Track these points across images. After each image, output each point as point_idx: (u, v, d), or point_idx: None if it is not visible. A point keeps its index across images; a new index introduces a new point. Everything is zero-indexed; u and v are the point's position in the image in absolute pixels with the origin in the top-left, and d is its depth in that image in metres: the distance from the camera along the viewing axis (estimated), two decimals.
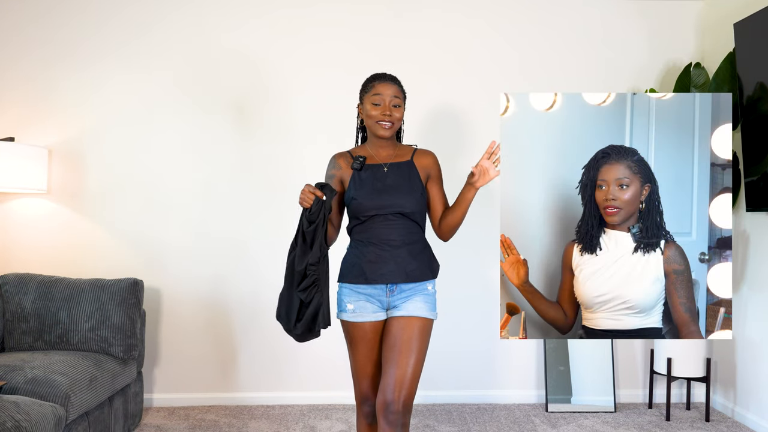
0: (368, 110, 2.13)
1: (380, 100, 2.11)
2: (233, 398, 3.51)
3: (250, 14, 3.50)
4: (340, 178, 2.18)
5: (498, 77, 3.56)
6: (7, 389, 2.38)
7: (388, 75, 2.17)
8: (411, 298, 2.10)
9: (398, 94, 2.13)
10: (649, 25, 3.60)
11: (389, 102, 2.11)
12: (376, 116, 2.11)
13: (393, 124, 2.12)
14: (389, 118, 2.10)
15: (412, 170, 2.16)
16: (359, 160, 2.14)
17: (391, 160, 2.18)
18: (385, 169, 2.15)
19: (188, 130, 3.48)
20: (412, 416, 3.33)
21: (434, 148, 3.53)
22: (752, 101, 2.98)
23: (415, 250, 2.13)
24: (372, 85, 2.14)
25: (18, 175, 3.11)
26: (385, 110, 2.10)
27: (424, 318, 2.09)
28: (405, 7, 3.55)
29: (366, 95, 2.15)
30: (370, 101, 2.12)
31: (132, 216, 3.46)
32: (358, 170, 2.14)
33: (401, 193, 2.11)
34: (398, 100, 2.12)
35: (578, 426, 3.20)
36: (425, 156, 2.22)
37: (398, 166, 2.16)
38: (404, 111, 2.17)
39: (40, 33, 3.43)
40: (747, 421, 3.21)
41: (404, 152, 2.21)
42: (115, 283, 3.01)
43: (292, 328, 2.05)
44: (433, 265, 2.19)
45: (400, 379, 2.02)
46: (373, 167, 2.15)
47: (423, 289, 2.13)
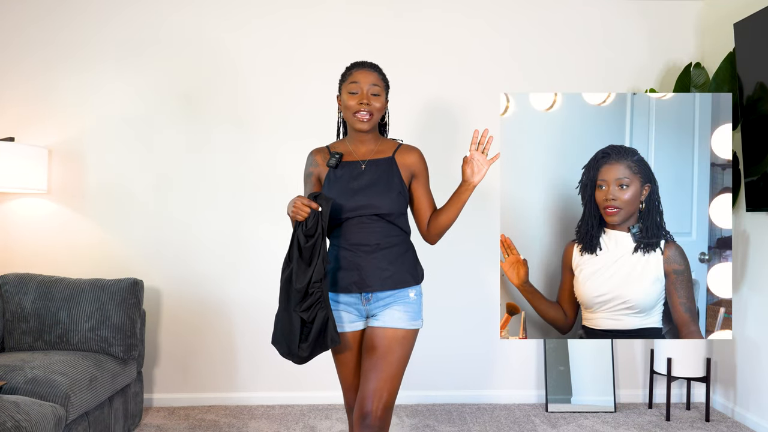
0: (345, 100, 1.96)
1: (357, 88, 1.94)
2: (233, 398, 3.51)
3: (250, 15, 3.50)
4: (317, 175, 2.03)
5: (498, 77, 3.56)
6: (7, 389, 2.38)
7: (368, 62, 2.01)
8: (390, 307, 1.96)
9: (378, 82, 1.96)
10: (649, 25, 3.60)
11: (367, 90, 1.94)
12: (353, 107, 1.94)
13: (372, 115, 1.95)
14: (367, 108, 1.93)
15: (392, 167, 1.99)
16: (335, 156, 1.97)
17: (371, 156, 2.01)
18: (362, 167, 1.98)
19: (188, 130, 3.48)
20: (412, 416, 3.34)
21: (434, 148, 3.55)
22: (752, 101, 2.98)
23: (392, 255, 1.96)
24: (349, 73, 1.99)
25: (18, 175, 3.11)
26: (362, 99, 1.93)
27: (404, 329, 1.95)
28: (405, 7, 3.55)
29: (343, 84, 1.99)
30: (347, 90, 1.96)
31: (132, 216, 3.46)
32: (334, 168, 1.97)
33: (377, 192, 1.94)
34: (377, 89, 1.95)
35: (578, 426, 3.20)
36: (409, 153, 2.04)
37: (377, 163, 1.99)
38: (386, 101, 2.01)
39: (41, 34, 3.43)
40: (747, 421, 3.21)
41: (386, 148, 2.04)
42: (115, 283, 3.01)
43: (296, 350, 1.89)
44: (416, 271, 2.02)
45: (377, 392, 1.90)
46: (349, 164, 1.99)
47: (404, 296, 1.97)
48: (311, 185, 2.04)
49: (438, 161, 3.56)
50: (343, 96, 1.98)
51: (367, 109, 1.93)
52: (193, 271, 3.48)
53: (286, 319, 1.89)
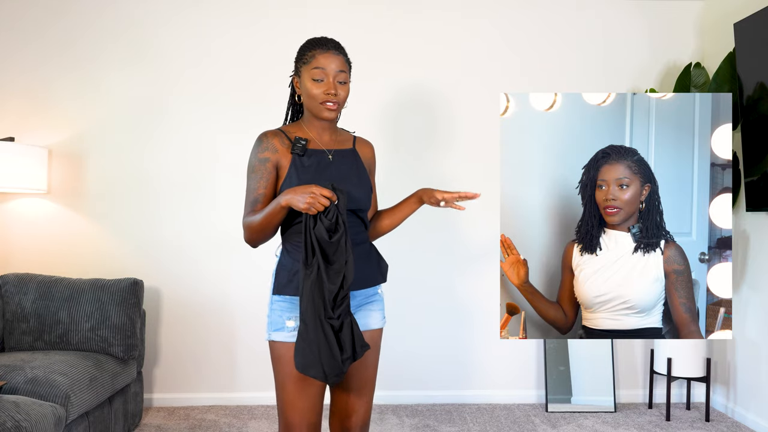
0: (308, 88, 1.74)
1: (323, 74, 1.73)
2: (233, 398, 3.51)
3: (250, 14, 3.50)
4: (275, 163, 1.76)
5: (498, 77, 3.56)
6: (7, 389, 2.38)
7: (332, 42, 1.78)
8: (362, 308, 1.83)
9: (343, 68, 1.76)
10: (649, 25, 3.60)
11: (334, 78, 1.73)
12: (318, 96, 1.73)
13: (339, 105, 1.77)
14: (334, 98, 1.74)
15: (357, 160, 1.85)
16: (301, 143, 1.75)
17: (334, 146, 1.83)
18: (329, 157, 1.80)
19: (188, 130, 3.48)
20: (412, 416, 3.34)
21: (435, 148, 3.55)
22: (752, 101, 2.98)
23: (362, 253, 1.81)
24: (312, 54, 1.75)
25: (18, 175, 3.11)
26: (329, 88, 1.73)
27: (380, 329, 1.87)
28: (405, 7, 3.55)
29: (304, 67, 1.76)
30: (309, 76, 1.74)
31: (132, 216, 3.46)
32: (300, 155, 1.75)
33: (352, 186, 1.76)
34: (344, 75, 1.76)
35: (578, 426, 3.20)
36: (366, 146, 1.92)
37: (343, 153, 1.83)
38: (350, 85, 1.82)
39: (41, 33, 3.43)
40: (747, 421, 3.21)
41: (344, 138, 1.88)
42: (115, 283, 3.01)
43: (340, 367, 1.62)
44: (382, 267, 1.88)
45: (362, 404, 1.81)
46: (316, 153, 1.78)
47: (373, 294, 1.85)
48: (266, 173, 1.76)
49: (438, 161, 3.56)
50: (304, 81, 1.76)
51: (334, 99, 1.74)
52: (193, 271, 3.48)
53: (318, 334, 1.60)
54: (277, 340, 1.73)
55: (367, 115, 3.49)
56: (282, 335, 1.72)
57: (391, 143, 3.53)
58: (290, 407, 1.73)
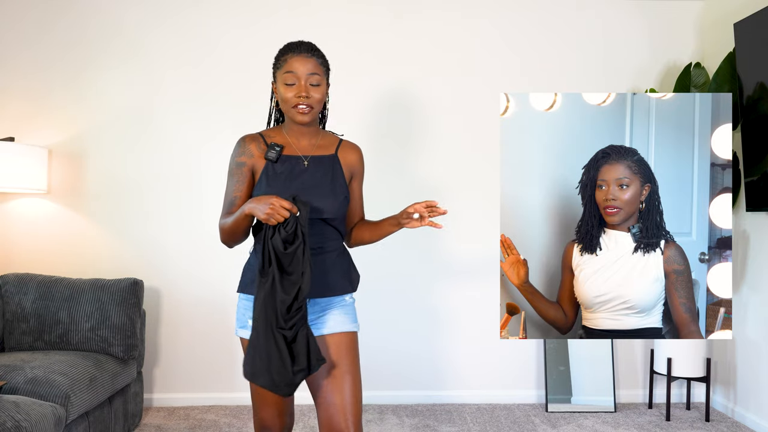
0: (282, 92, 1.74)
1: (294, 78, 1.72)
2: (233, 398, 3.51)
3: (250, 14, 3.50)
4: (251, 167, 1.79)
5: (498, 77, 3.56)
6: (7, 389, 2.38)
7: (305, 45, 1.77)
8: (328, 312, 1.80)
9: (317, 70, 1.74)
10: (649, 25, 3.60)
11: (305, 81, 1.72)
12: (290, 99, 1.73)
13: (312, 108, 1.75)
14: (306, 101, 1.73)
15: (335, 167, 1.82)
16: (275, 148, 1.75)
17: (313, 151, 1.82)
18: (305, 163, 1.79)
19: (188, 130, 3.48)
20: (412, 416, 3.34)
21: (435, 147, 3.55)
22: (752, 101, 2.98)
23: (328, 261, 1.80)
24: (284, 59, 1.75)
25: (18, 175, 3.11)
26: (300, 91, 1.72)
27: (349, 332, 1.80)
28: (405, 8, 3.55)
29: (278, 72, 1.77)
30: (282, 80, 1.74)
31: (132, 216, 3.46)
32: (273, 161, 1.76)
33: (322, 195, 1.76)
34: (317, 77, 1.74)
35: (578, 426, 3.20)
36: (352, 151, 1.88)
37: (320, 160, 1.81)
38: (327, 88, 1.80)
39: (41, 33, 3.43)
40: (747, 421, 3.21)
41: (328, 143, 1.86)
42: (115, 283, 3.01)
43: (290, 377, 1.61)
44: (352, 276, 1.87)
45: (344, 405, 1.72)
46: (291, 159, 1.78)
47: (340, 300, 1.83)
48: (242, 177, 1.79)
49: (439, 160, 3.56)
50: (278, 86, 1.77)
51: (306, 102, 1.73)
52: (193, 271, 3.48)
53: (269, 343, 1.60)
54: (243, 337, 1.79)
55: (365, 113, 3.49)
56: (246, 332, 1.77)
57: (390, 143, 3.53)
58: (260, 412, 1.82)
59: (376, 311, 3.52)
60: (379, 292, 3.52)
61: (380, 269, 3.51)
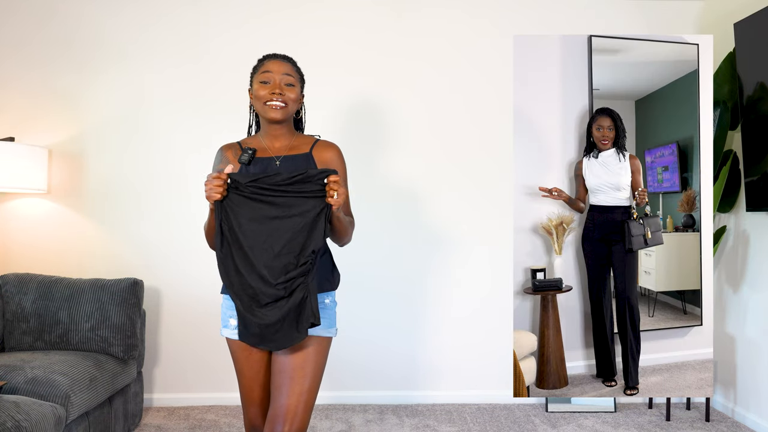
0: (256, 91, 1.83)
1: (269, 77, 1.82)
2: (233, 398, 3.51)
3: (250, 14, 3.50)
4: None
5: (499, 77, 3.56)
6: (7, 389, 2.38)
7: (281, 54, 1.90)
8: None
9: (291, 73, 1.85)
10: (649, 25, 3.60)
11: (280, 80, 1.82)
12: (264, 96, 1.81)
13: (286, 105, 1.82)
14: (280, 97, 1.81)
15: (309, 164, 1.85)
16: (248, 152, 1.83)
17: (287, 152, 1.87)
18: (277, 163, 1.84)
19: (188, 130, 3.48)
20: (412, 416, 3.34)
21: (438, 146, 3.55)
22: (752, 101, 2.98)
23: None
24: (261, 64, 1.87)
25: (18, 175, 3.11)
26: (274, 88, 1.81)
27: (319, 337, 1.80)
28: (405, 7, 3.55)
29: (255, 76, 1.87)
30: (258, 81, 1.84)
31: (132, 216, 3.46)
32: (246, 164, 1.83)
33: None
34: (291, 79, 1.84)
35: (578, 426, 3.20)
36: (327, 149, 1.90)
37: (293, 159, 1.85)
38: (301, 95, 1.89)
39: (41, 33, 3.43)
40: (747, 421, 3.21)
41: (302, 143, 1.90)
42: (115, 283, 3.01)
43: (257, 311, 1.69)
44: (333, 276, 1.89)
45: (291, 409, 1.74)
46: (263, 161, 1.84)
47: (319, 302, 1.83)
48: None
49: (438, 161, 3.56)
50: (254, 87, 1.85)
51: (280, 98, 1.81)
52: (193, 271, 3.48)
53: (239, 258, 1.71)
54: (227, 336, 1.88)
55: (364, 113, 3.49)
56: (228, 332, 1.87)
57: (390, 143, 3.53)
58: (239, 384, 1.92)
59: (377, 312, 3.52)
60: (380, 294, 3.52)
61: (382, 271, 3.51)
